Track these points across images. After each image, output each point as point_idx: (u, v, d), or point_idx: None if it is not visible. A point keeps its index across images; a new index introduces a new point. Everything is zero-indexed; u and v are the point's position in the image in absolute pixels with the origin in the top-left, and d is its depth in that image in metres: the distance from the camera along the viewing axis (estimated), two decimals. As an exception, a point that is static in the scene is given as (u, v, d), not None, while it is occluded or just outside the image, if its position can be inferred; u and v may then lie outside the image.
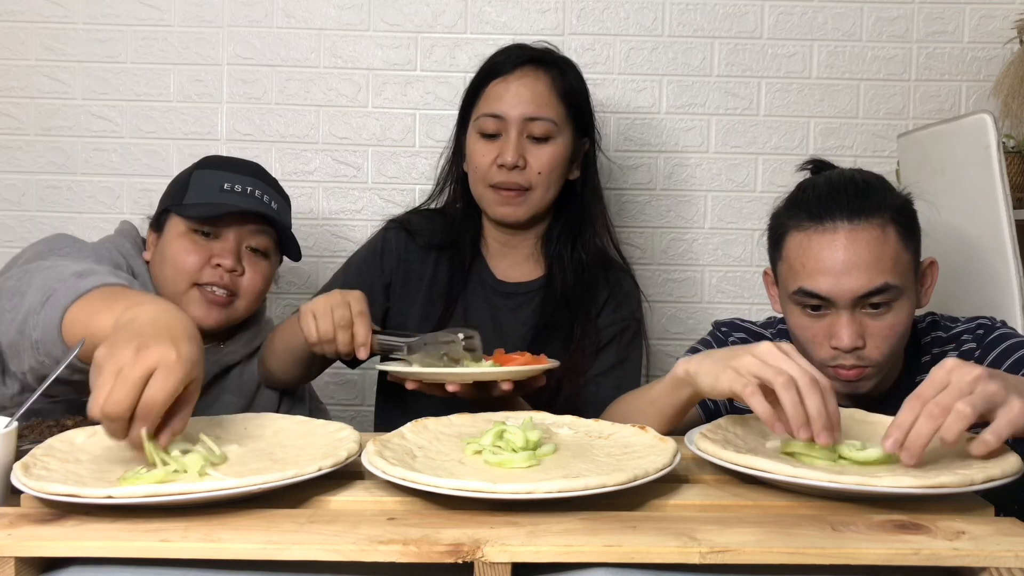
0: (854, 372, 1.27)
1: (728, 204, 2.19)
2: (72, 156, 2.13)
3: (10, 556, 0.79)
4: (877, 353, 1.26)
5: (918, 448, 0.92)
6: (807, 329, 1.30)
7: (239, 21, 2.14)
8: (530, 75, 1.57)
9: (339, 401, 2.20)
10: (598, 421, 1.14)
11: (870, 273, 1.23)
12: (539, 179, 1.56)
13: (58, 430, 1.09)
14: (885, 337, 1.26)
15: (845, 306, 1.25)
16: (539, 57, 1.59)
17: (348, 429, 1.06)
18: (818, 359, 1.28)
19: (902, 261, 1.27)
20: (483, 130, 1.57)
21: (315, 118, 2.16)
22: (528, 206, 1.57)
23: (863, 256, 1.24)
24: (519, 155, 1.54)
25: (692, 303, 2.20)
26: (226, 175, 1.55)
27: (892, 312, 1.26)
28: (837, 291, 1.24)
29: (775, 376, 0.98)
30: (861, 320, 1.26)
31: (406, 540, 0.79)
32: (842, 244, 1.24)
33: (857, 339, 1.25)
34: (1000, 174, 1.66)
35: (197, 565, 0.80)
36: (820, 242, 1.26)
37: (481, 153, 1.56)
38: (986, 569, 0.77)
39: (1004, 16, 2.14)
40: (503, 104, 1.55)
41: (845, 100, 2.17)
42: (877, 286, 1.24)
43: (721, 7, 2.15)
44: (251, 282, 1.55)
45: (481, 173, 1.57)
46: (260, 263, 1.57)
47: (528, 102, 1.55)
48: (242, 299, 1.55)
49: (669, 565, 0.78)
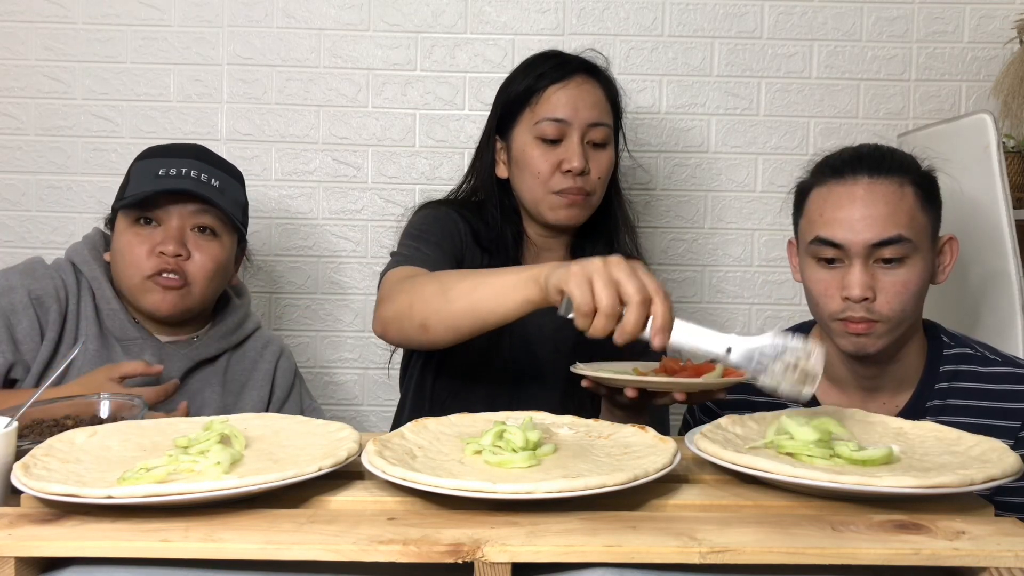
0: (863, 325, 1.29)
1: (728, 204, 2.19)
2: (72, 156, 2.13)
3: (10, 556, 0.79)
4: (887, 308, 1.29)
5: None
6: (820, 282, 1.33)
7: (239, 21, 2.14)
8: (589, 82, 1.59)
9: (339, 401, 2.20)
10: (598, 421, 1.14)
11: (885, 224, 1.28)
12: (598, 184, 1.59)
13: (58, 430, 1.09)
14: (896, 293, 1.29)
15: (858, 255, 1.28)
16: (592, 67, 1.62)
17: (348, 429, 1.06)
18: (828, 311, 1.32)
19: (918, 221, 1.30)
20: (543, 135, 1.56)
21: (315, 118, 2.16)
22: (587, 210, 1.60)
23: (879, 207, 1.28)
24: (586, 161, 1.55)
25: (692, 303, 2.20)
26: (162, 161, 1.53)
27: (904, 268, 1.29)
28: (852, 239, 1.28)
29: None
30: (873, 272, 1.29)
31: (406, 540, 0.79)
32: (860, 195, 1.30)
33: (867, 290, 1.28)
34: (1000, 174, 1.66)
35: (197, 565, 0.80)
36: (839, 193, 1.31)
37: (543, 158, 1.56)
38: (986, 569, 0.77)
39: (1004, 16, 2.14)
40: (566, 109, 1.56)
41: (845, 100, 2.17)
42: (890, 236, 1.27)
43: (721, 7, 2.15)
44: (200, 265, 1.51)
45: (543, 178, 1.57)
46: (208, 244, 1.53)
47: (591, 108, 1.57)
48: (194, 283, 1.52)
49: (669, 565, 0.78)
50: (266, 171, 2.16)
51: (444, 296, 1.26)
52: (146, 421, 1.13)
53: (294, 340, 2.18)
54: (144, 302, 1.51)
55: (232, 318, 1.64)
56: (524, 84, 1.61)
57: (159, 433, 1.07)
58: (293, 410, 1.64)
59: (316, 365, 2.19)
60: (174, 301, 1.50)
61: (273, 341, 1.70)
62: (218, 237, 1.55)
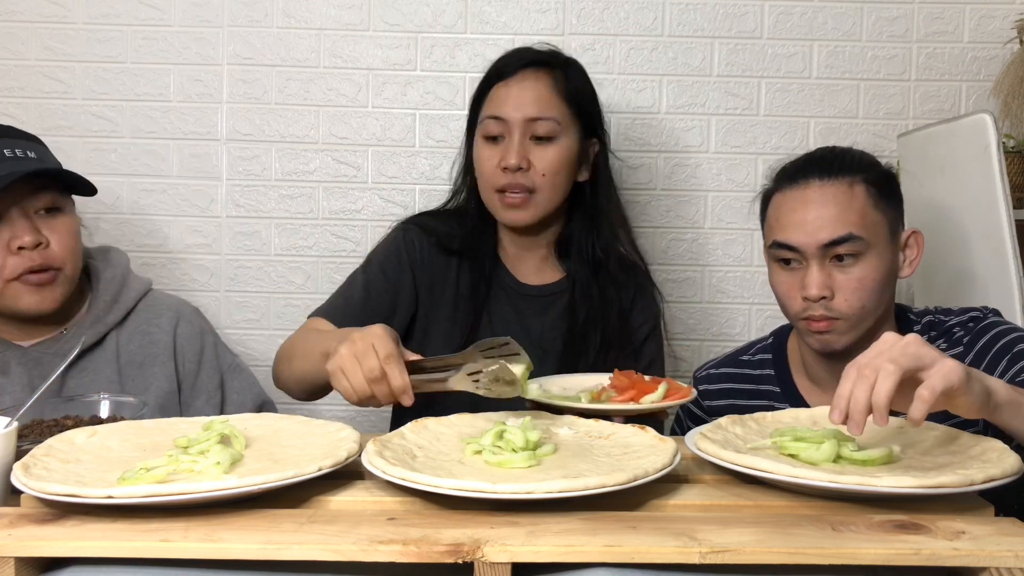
0: (824, 323, 1.34)
1: (728, 204, 2.19)
2: (72, 156, 2.13)
3: (10, 556, 0.79)
4: (846, 305, 1.33)
5: (860, 416, 0.92)
6: (782, 284, 1.39)
7: (239, 21, 2.14)
8: (531, 77, 1.56)
9: (339, 401, 2.19)
10: (598, 421, 1.14)
11: (835, 224, 1.32)
12: (544, 181, 1.54)
13: (58, 430, 1.09)
14: (853, 290, 1.33)
15: (813, 256, 1.33)
16: (541, 59, 1.59)
17: (348, 429, 1.06)
18: (793, 312, 1.38)
19: (870, 218, 1.34)
20: (487, 133, 1.57)
21: (315, 118, 2.16)
22: (534, 209, 1.56)
23: (829, 208, 1.33)
24: (523, 156, 1.52)
25: (692, 303, 2.20)
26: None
27: (859, 265, 1.33)
28: (805, 240, 1.33)
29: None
30: (830, 272, 1.33)
31: (406, 540, 0.79)
32: (811, 197, 1.35)
33: (824, 289, 1.32)
34: (1000, 174, 1.66)
35: (197, 565, 0.80)
36: (792, 197, 1.37)
37: (486, 157, 1.56)
38: (986, 569, 0.78)
39: (1004, 16, 2.14)
40: (505, 107, 1.54)
41: (845, 100, 2.17)
42: (841, 235, 1.31)
43: (721, 7, 2.15)
44: (62, 245, 1.41)
45: (487, 177, 1.56)
46: (59, 220, 1.42)
47: (530, 103, 1.54)
48: (64, 266, 1.41)
49: (669, 565, 0.78)
50: (266, 171, 2.16)
51: (289, 363, 1.47)
52: (146, 421, 1.13)
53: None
54: (18, 305, 1.40)
55: (104, 295, 1.50)
56: (480, 85, 1.61)
57: (159, 433, 1.08)
58: (210, 378, 1.55)
59: (316, 365, 2.19)
60: (54, 294, 1.41)
61: (168, 306, 1.56)
62: (63, 210, 1.44)
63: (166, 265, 2.16)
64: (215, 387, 1.56)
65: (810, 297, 1.33)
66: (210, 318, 1.73)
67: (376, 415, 2.18)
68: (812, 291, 1.32)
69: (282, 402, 1.70)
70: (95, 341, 1.47)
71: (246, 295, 2.18)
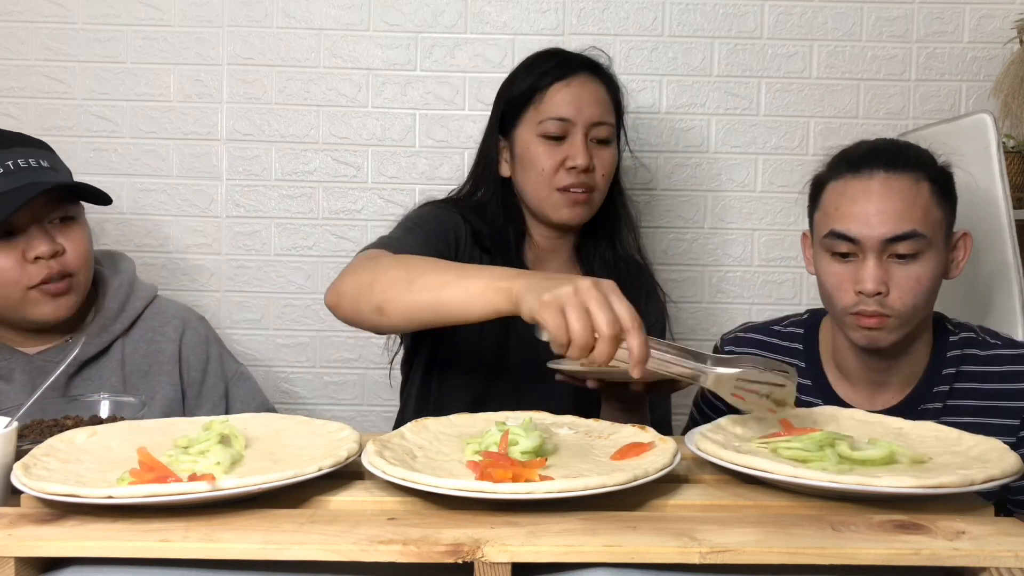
0: (875, 320, 1.30)
1: (728, 204, 2.19)
2: (72, 156, 2.13)
3: (10, 556, 0.79)
4: (900, 303, 1.29)
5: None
6: (834, 275, 1.34)
7: (239, 21, 2.14)
8: (591, 80, 1.60)
9: (339, 401, 2.20)
10: (598, 421, 1.14)
11: (899, 219, 1.28)
12: (602, 182, 1.60)
13: (58, 430, 1.09)
14: (909, 288, 1.29)
15: (872, 249, 1.29)
16: (595, 64, 1.64)
17: (348, 429, 1.06)
18: (842, 306, 1.33)
19: (933, 216, 1.31)
20: (547, 133, 1.57)
21: (315, 118, 2.16)
22: (591, 208, 1.60)
23: (895, 202, 1.29)
24: (590, 157, 1.56)
25: (692, 303, 2.20)
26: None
27: (918, 263, 1.29)
28: (866, 233, 1.29)
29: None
30: (887, 267, 1.30)
31: (406, 540, 0.79)
32: (876, 189, 1.30)
33: (881, 284, 1.28)
34: (1000, 174, 1.66)
35: (197, 565, 0.80)
36: (855, 187, 1.32)
37: (547, 156, 1.57)
38: (986, 569, 0.78)
39: (1004, 16, 2.14)
40: (570, 107, 1.57)
41: (845, 100, 2.17)
42: (905, 231, 1.28)
43: (721, 7, 2.15)
44: (76, 252, 1.42)
45: (546, 176, 1.57)
46: (74, 229, 1.44)
47: (594, 105, 1.58)
48: (78, 273, 1.43)
49: (669, 565, 0.78)
50: (266, 171, 2.16)
51: (408, 284, 1.21)
52: (146, 421, 1.13)
53: (294, 340, 2.18)
54: (35, 314, 1.41)
55: (112, 303, 1.50)
56: (527, 83, 1.61)
57: (159, 433, 1.07)
58: (215, 387, 1.55)
59: (316, 365, 2.19)
60: (68, 303, 1.42)
61: (173, 315, 1.56)
62: (77, 219, 1.45)
63: (166, 265, 2.16)
64: (220, 396, 1.55)
65: (865, 292, 1.29)
66: (210, 318, 1.73)
67: (376, 415, 2.18)
68: (868, 286, 1.28)
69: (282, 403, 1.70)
70: (100, 350, 1.47)
71: (246, 295, 2.18)
